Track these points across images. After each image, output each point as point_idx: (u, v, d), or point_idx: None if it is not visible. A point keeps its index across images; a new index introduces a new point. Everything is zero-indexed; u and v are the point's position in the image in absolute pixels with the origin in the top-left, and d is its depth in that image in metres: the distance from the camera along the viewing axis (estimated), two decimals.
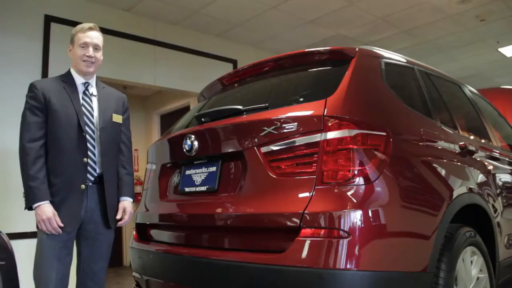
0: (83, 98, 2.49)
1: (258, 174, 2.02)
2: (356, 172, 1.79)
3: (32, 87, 2.40)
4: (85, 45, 2.46)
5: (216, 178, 2.25)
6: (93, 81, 2.58)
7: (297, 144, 1.91)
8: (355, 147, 1.82)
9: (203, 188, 2.31)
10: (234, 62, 6.26)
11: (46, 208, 2.25)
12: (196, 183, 2.37)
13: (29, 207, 2.28)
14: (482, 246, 2.39)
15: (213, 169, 2.29)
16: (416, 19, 5.89)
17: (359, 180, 1.79)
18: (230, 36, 6.19)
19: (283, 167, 1.95)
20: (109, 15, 5.07)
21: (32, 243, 3.99)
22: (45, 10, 4.60)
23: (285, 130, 1.95)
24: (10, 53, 4.32)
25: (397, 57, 2.56)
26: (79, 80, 2.51)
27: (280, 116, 2.00)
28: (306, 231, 1.75)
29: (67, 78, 2.51)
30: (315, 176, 1.83)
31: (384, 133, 1.92)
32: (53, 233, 2.28)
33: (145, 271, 2.56)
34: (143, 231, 2.74)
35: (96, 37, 2.51)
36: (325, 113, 1.87)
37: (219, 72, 3.36)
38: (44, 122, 2.35)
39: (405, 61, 2.63)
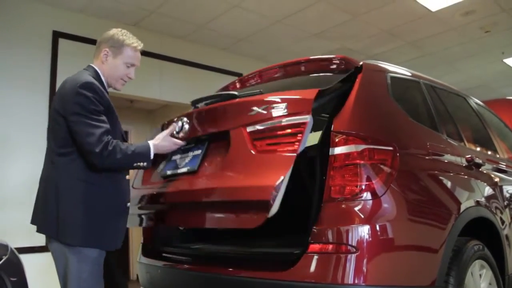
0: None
1: (240, 152, 2.02)
2: (363, 187, 1.80)
3: (98, 89, 2.12)
4: (132, 66, 2.32)
5: (199, 159, 2.25)
6: None
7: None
8: (362, 162, 1.82)
9: (184, 170, 2.30)
10: (239, 76, 6.30)
11: (157, 144, 2.21)
12: (179, 166, 2.36)
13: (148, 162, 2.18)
14: (491, 260, 2.38)
15: (198, 152, 2.29)
16: (420, 31, 5.92)
17: (367, 195, 1.79)
18: (236, 50, 6.24)
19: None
20: None
21: (40, 257, 4.02)
22: (54, 26, 4.66)
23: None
24: (19, 68, 4.38)
25: (402, 71, 2.58)
26: (107, 88, 2.31)
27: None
28: (314, 246, 1.76)
29: (101, 83, 2.24)
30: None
31: (391, 148, 1.92)
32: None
33: (153, 286, 2.56)
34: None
35: (140, 59, 2.37)
36: (332, 129, 1.89)
37: None
38: None
39: (410, 75, 2.65)
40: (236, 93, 2.29)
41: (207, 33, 5.64)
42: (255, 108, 2.01)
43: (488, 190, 2.60)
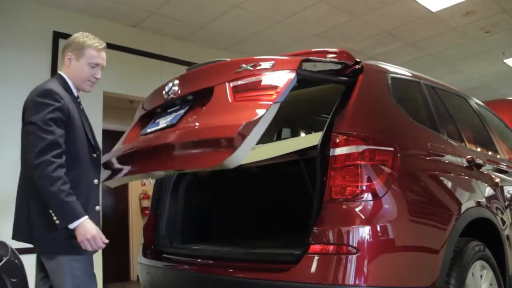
0: (83, 114, 2.29)
1: (219, 102, 1.99)
2: (364, 188, 1.80)
3: (55, 95, 2.09)
4: (96, 66, 2.28)
5: (180, 116, 2.20)
6: None
7: None
8: (363, 162, 1.82)
9: (163, 125, 2.26)
10: None
11: (89, 225, 2.01)
12: (159, 124, 2.32)
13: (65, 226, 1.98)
14: (492, 260, 2.37)
15: (181, 111, 2.24)
16: (420, 31, 5.91)
17: (367, 196, 1.79)
18: (236, 51, 6.24)
19: None
20: (116, 31, 5.12)
21: None
22: (54, 27, 4.66)
23: None
24: (19, 69, 4.37)
25: (403, 72, 2.57)
26: (75, 91, 2.29)
27: None
28: (315, 247, 1.76)
29: (68, 88, 2.25)
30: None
31: (391, 149, 1.92)
32: (96, 250, 2.07)
33: (153, 287, 2.56)
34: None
35: (105, 58, 2.33)
36: (332, 129, 1.89)
37: None
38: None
39: (411, 75, 2.65)
40: (229, 59, 2.25)
41: (208, 34, 5.64)
42: (243, 65, 1.98)
43: (488, 191, 2.60)
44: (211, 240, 2.85)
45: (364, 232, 1.74)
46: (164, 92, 2.34)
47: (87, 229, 1.99)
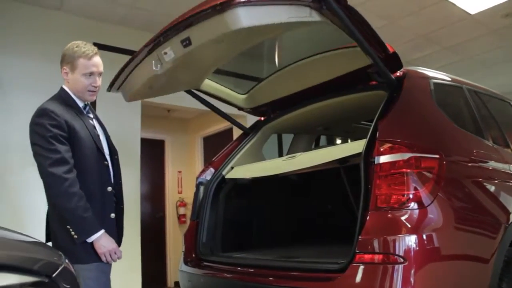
0: (90, 123, 2.29)
1: None
2: (410, 196, 1.76)
3: (51, 113, 2.11)
4: (92, 75, 2.24)
5: None
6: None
7: None
8: (408, 170, 1.79)
9: None
10: None
11: (107, 238, 2.11)
12: None
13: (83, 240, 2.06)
14: None
15: None
16: (458, 35, 5.79)
17: (414, 205, 1.75)
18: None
19: None
20: None
21: None
22: (94, 38, 4.75)
23: None
24: (55, 81, 4.49)
25: (445, 77, 2.53)
26: (80, 102, 2.29)
27: None
28: (361, 256, 1.74)
29: (70, 101, 2.26)
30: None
31: (437, 156, 1.88)
32: (114, 262, 2.16)
33: None
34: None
35: (101, 63, 2.29)
36: (377, 137, 1.87)
37: None
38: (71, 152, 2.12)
39: (453, 80, 2.60)
40: None
41: None
42: None
43: None
44: (252, 248, 2.85)
45: (411, 241, 1.70)
46: None
47: (107, 242, 2.11)
